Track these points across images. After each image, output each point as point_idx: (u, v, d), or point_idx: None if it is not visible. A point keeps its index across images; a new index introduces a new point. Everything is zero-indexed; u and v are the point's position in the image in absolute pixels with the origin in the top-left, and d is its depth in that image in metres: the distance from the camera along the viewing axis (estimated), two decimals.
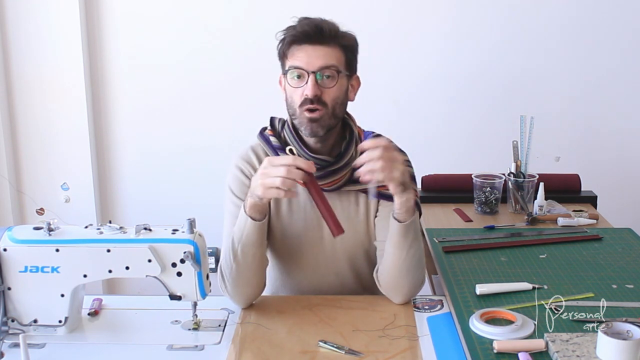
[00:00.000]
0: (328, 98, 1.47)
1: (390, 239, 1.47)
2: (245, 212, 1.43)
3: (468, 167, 2.32)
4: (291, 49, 1.47)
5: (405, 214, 1.43)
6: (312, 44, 1.45)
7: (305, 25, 1.46)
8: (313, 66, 1.45)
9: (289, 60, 1.48)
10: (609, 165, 2.84)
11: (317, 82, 1.45)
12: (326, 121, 1.48)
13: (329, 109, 1.47)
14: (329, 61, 1.46)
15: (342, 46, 1.48)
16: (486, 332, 1.31)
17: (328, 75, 1.46)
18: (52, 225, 1.34)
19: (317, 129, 1.48)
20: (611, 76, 2.77)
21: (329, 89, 1.47)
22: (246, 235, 1.43)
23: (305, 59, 1.45)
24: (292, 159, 1.35)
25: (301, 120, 1.48)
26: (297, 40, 1.46)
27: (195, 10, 2.77)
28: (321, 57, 1.45)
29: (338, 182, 1.54)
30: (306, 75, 1.45)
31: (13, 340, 1.34)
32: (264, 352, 1.31)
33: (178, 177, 2.92)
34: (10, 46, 2.73)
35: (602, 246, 1.82)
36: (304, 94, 1.46)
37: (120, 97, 2.86)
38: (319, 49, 1.45)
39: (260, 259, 1.48)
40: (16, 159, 2.86)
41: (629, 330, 1.20)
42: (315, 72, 1.45)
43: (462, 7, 2.73)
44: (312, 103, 1.45)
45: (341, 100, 1.50)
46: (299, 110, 1.48)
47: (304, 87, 1.46)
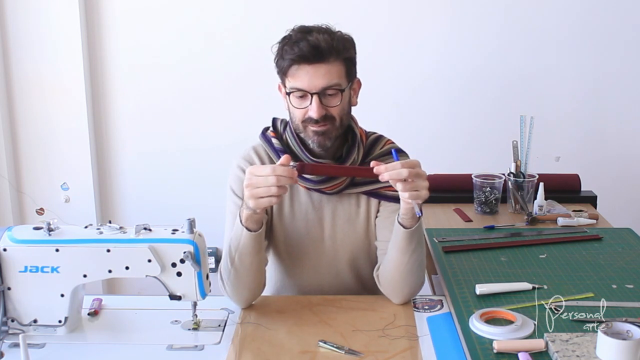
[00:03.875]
0: (335, 113, 1.46)
1: (394, 243, 1.46)
2: (242, 222, 1.41)
3: (468, 167, 2.31)
4: (291, 70, 1.44)
5: (411, 220, 1.42)
6: (311, 63, 1.42)
7: (302, 45, 1.41)
8: (315, 87, 1.42)
9: (289, 80, 1.45)
10: (609, 165, 2.84)
11: (321, 101, 1.43)
12: (333, 133, 1.47)
13: (336, 123, 1.47)
14: (331, 80, 1.43)
15: (343, 59, 1.45)
16: (486, 332, 1.31)
17: (331, 94, 1.44)
18: (52, 225, 1.34)
19: (324, 141, 1.47)
20: (611, 76, 2.77)
21: (334, 107, 1.45)
22: (243, 244, 1.42)
23: (307, 81, 1.42)
24: (272, 169, 1.31)
25: (307, 134, 1.48)
26: (296, 61, 1.42)
27: (196, 11, 2.77)
28: (322, 77, 1.42)
29: (340, 186, 1.54)
30: (309, 96, 1.43)
31: (13, 340, 1.34)
32: (264, 352, 1.31)
33: (178, 178, 2.92)
34: (10, 46, 2.73)
35: (602, 246, 1.82)
36: (307, 114, 1.44)
37: (120, 97, 2.86)
38: (319, 67, 1.42)
39: (259, 264, 1.47)
40: (16, 159, 2.86)
41: (629, 330, 1.20)
42: (319, 93, 1.43)
43: (462, 7, 2.73)
44: (318, 122, 1.44)
45: (346, 111, 1.50)
46: (302, 126, 1.47)
47: (308, 108, 1.44)
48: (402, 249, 1.44)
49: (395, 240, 1.46)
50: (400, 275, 1.47)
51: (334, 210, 1.59)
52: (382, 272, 1.51)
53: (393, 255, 1.47)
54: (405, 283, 1.48)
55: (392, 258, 1.47)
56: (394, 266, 1.47)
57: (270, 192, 1.31)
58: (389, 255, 1.49)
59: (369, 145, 1.60)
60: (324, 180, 1.52)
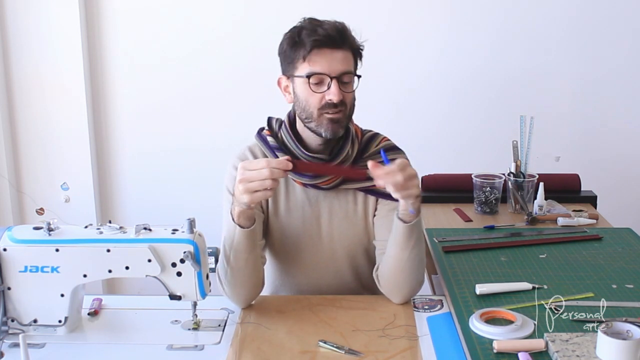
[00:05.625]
0: (348, 100, 1.49)
1: (394, 238, 1.46)
2: (234, 220, 1.41)
3: (468, 167, 2.32)
4: (311, 54, 1.45)
5: (410, 215, 1.43)
6: (331, 48, 1.45)
7: (326, 28, 1.44)
8: (335, 71, 1.45)
9: (308, 65, 1.46)
10: (609, 165, 2.84)
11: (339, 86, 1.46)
12: (344, 121, 1.50)
13: (347, 110, 1.50)
14: (348, 66, 1.47)
15: (354, 49, 1.49)
16: (486, 332, 1.31)
17: (346, 80, 1.47)
18: (52, 225, 1.34)
19: (338, 129, 1.49)
20: (611, 76, 2.77)
21: (349, 92, 1.48)
22: (237, 242, 1.42)
23: (327, 65, 1.44)
24: (266, 162, 1.33)
25: (320, 122, 1.48)
26: (319, 45, 1.44)
27: (195, 11, 2.77)
28: (341, 62, 1.45)
29: (335, 180, 1.55)
30: (327, 80, 1.45)
31: (13, 340, 1.34)
32: (264, 352, 1.31)
33: (178, 177, 2.92)
34: (10, 46, 2.73)
35: (602, 246, 1.82)
36: (325, 99, 1.46)
37: (120, 97, 2.86)
38: (338, 53, 1.45)
39: (254, 262, 1.47)
40: (16, 159, 2.86)
41: (629, 330, 1.20)
42: (338, 77, 1.45)
43: (461, 7, 2.73)
44: (336, 106, 1.46)
45: (354, 101, 1.53)
46: (317, 113, 1.47)
47: (326, 93, 1.45)
48: (401, 244, 1.44)
49: (394, 236, 1.46)
50: (400, 272, 1.47)
51: (330, 207, 1.59)
52: (382, 270, 1.51)
53: (393, 251, 1.47)
54: (405, 281, 1.47)
55: (392, 254, 1.47)
56: (393, 263, 1.47)
57: (264, 185, 1.32)
58: (388, 252, 1.49)
59: (364, 143, 1.60)
60: (319, 174, 1.53)
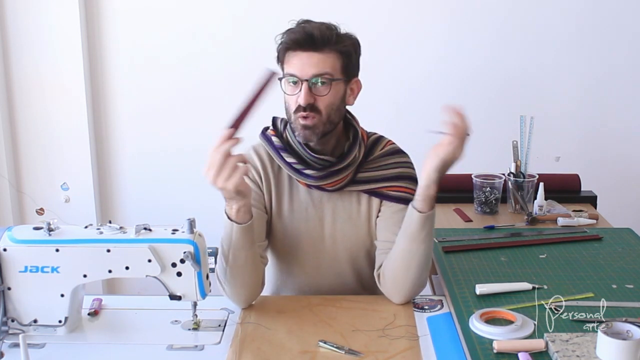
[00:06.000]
0: (322, 105, 1.46)
1: (405, 229, 1.45)
2: (230, 218, 1.40)
3: (468, 167, 2.31)
4: (286, 56, 1.48)
5: (423, 203, 1.42)
6: (305, 50, 1.45)
7: (297, 32, 1.45)
8: (306, 74, 1.45)
9: (285, 67, 1.49)
10: (609, 165, 2.84)
11: (311, 90, 1.45)
12: (320, 128, 1.48)
13: (323, 116, 1.47)
14: (322, 69, 1.45)
15: (338, 52, 1.47)
16: (486, 332, 1.31)
17: (322, 82, 1.45)
18: (52, 225, 1.34)
19: (310, 135, 1.48)
20: (611, 76, 2.77)
21: (322, 96, 1.46)
22: (235, 240, 1.41)
23: (299, 67, 1.45)
24: (212, 148, 1.34)
25: (295, 126, 1.49)
26: (291, 47, 1.46)
27: (196, 11, 2.77)
28: (314, 65, 1.44)
29: (340, 183, 1.54)
30: (300, 82, 1.45)
31: (13, 340, 1.34)
32: (264, 352, 1.31)
33: (178, 177, 2.92)
34: (10, 46, 2.73)
35: (602, 246, 1.82)
36: (297, 101, 1.46)
37: (120, 97, 2.86)
38: (312, 55, 1.45)
39: (254, 260, 1.46)
40: (16, 159, 2.86)
41: (629, 330, 1.20)
42: (308, 80, 1.45)
43: (461, 7, 2.73)
44: (305, 110, 1.45)
45: (336, 106, 1.49)
46: (293, 116, 1.48)
47: (298, 95, 1.46)
48: (411, 236, 1.43)
49: (405, 227, 1.45)
50: (406, 266, 1.45)
51: (334, 209, 1.59)
52: (386, 266, 1.50)
53: (402, 244, 1.46)
54: (409, 278, 1.47)
55: (401, 247, 1.46)
56: (401, 256, 1.46)
57: (229, 165, 1.31)
58: (397, 245, 1.48)
59: (369, 146, 1.60)
60: (325, 176, 1.52)
